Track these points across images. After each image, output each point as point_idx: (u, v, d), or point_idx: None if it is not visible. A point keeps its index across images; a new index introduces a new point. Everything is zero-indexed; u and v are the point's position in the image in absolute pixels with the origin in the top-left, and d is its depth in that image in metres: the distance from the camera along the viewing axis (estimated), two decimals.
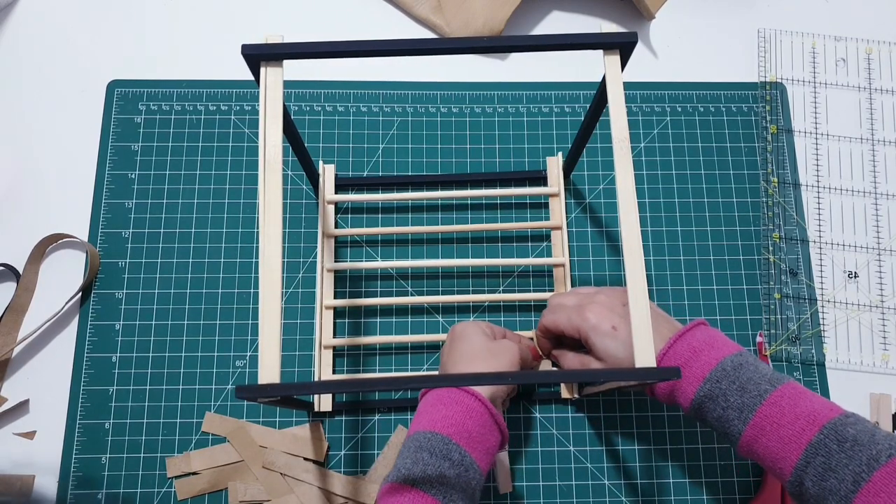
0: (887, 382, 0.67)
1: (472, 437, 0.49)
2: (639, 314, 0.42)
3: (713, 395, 0.49)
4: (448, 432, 0.49)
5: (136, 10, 0.77)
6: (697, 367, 0.50)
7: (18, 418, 0.64)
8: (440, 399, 0.51)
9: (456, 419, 0.49)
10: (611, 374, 0.48)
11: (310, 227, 0.70)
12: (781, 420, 0.46)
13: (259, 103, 0.46)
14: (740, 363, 0.49)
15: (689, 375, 0.50)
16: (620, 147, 0.45)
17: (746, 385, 0.48)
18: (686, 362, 0.50)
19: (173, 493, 0.62)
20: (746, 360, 0.50)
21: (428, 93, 0.75)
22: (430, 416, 0.50)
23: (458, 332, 0.57)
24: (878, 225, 0.72)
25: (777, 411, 0.47)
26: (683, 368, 0.50)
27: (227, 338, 0.66)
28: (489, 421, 0.51)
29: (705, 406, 0.50)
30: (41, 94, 0.74)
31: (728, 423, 0.49)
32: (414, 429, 0.51)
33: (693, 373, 0.50)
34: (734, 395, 0.48)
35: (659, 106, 0.75)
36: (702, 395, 0.49)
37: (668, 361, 0.51)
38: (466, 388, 0.51)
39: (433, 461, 0.47)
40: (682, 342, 0.51)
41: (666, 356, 0.51)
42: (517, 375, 0.52)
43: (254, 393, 0.41)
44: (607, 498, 0.63)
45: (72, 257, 0.69)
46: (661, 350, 0.51)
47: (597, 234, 0.70)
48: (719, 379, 0.49)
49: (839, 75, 0.77)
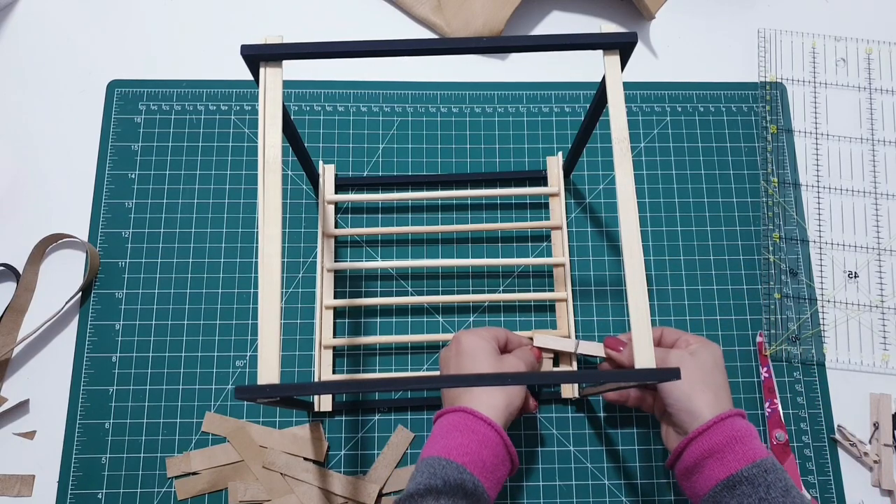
0: (887, 382, 0.67)
1: (486, 467, 0.49)
2: (638, 315, 0.42)
3: (756, 480, 0.48)
4: (463, 461, 0.48)
5: (136, 10, 0.77)
6: (749, 449, 0.49)
7: (18, 418, 0.64)
8: (456, 426, 0.51)
9: (472, 448, 0.49)
10: (611, 374, 0.48)
11: (310, 227, 0.70)
12: None
13: (259, 103, 0.46)
14: (782, 468, 0.50)
15: (738, 451, 0.49)
16: (620, 147, 0.45)
17: (790, 489, 0.48)
18: (740, 438, 0.50)
19: (173, 493, 0.62)
20: (783, 468, 0.50)
21: (428, 93, 0.75)
22: (445, 442, 0.50)
23: (465, 348, 0.55)
24: (878, 225, 0.72)
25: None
26: (735, 441, 0.50)
27: (227, 338, 0.66)
28: (503, 451, 0.51)
29: (740, 489, 0.48)
30: (41, 94, 0.74)
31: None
32: (428, 452, 0.50)
33: (743, 451, 0.49)
34: (777, 492, 0.48)
35: (659, 106, 0.75)
36: (744, 476, 0.48)
37: (724, 429, 0.50)
38: (483, 417, 0.51)
39: (447, 489, 0.47)
40: (739, 420, 0.51)
41: (724, 422, 0.50)
42: (517, 377, 0.52)
43: (253, 393, 0.41)
44: (607, 498, 0.63)
45: (72, 257, 0.69)
46: (719, 414, 0.51)
47: (597, 234, 0.70)
48: (768, 469, 0.48)
49: (839, 75, 0.77)
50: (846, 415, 0.66)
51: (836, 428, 0.65)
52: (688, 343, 0.57)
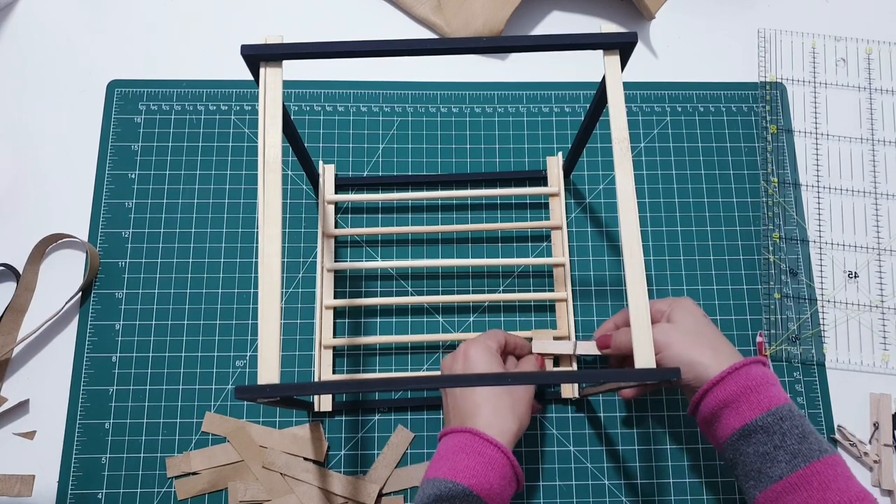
0: (887, 382, 0.67)
1: (493, 490, 0.49)
2: (638, 314, 0.42)
3: (771, 429, 0.48)
4: (470, 483, 0.48)
5: (136, 10, 0.77)
6: (765, 397, 0.50)
7: (18, 418, 0.64)
8: (462, 447, 0.50)
9: (478, 470, 0.49)
10: (611, 374, 0.48)
11: (310, 227, 0.70)
12: (830, 484, 0.46)
13: (259, 103, 0.46)
14: (803, 414, 0.50)
15: (753, 400, 0.50)
16: (620, 147, 0.45)
17: (808, 435, 0.48)
18: (755, 387, 0.50)
19: (173, 493, 0.62)
20: (803, 414, 0.50)
21: (428, 93, 0.75)
22: (452, 464, 0.50)
23: (473, 362, 0.54)
24: (878, 225, 0.72)
25: (831, 473, 0.47)
26: (750, 391, 0.50)
27: (227, 338, 0.66)
28: (510, 473, 0.51)
29: (755, 437, 0.49)
30: (41, 94, 0.74)
31: (772, 462, 0.48)
32: (433, 473, 0.50)
33: (759, 399, 0.49)
34: (793, 439, 0.48)
35: (659, 106, 0.75)
36: (759, 425, 0.49)
37: (738, 379, 0.50)
38: (490, 439, 0.50)
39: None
40: (756, 368, 0.51)
41: (738, 372, 0.51)
42: (517, 376, 0.51)
43: (253, 393, 0.41)
44: (607, 498, 0.63)
45: (72, 257, 0.69)
46: (733, 364, 0.51)
47: (597, 234, 0.70)
48: (784, 417, 0.49)
49: (839, 75, 0.77)
50: (846, 415, 0.66)
51: (836, 428, 0.65)
52: (661, 312, 0.57)
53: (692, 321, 0.55)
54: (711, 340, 0.54)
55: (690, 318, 0.55)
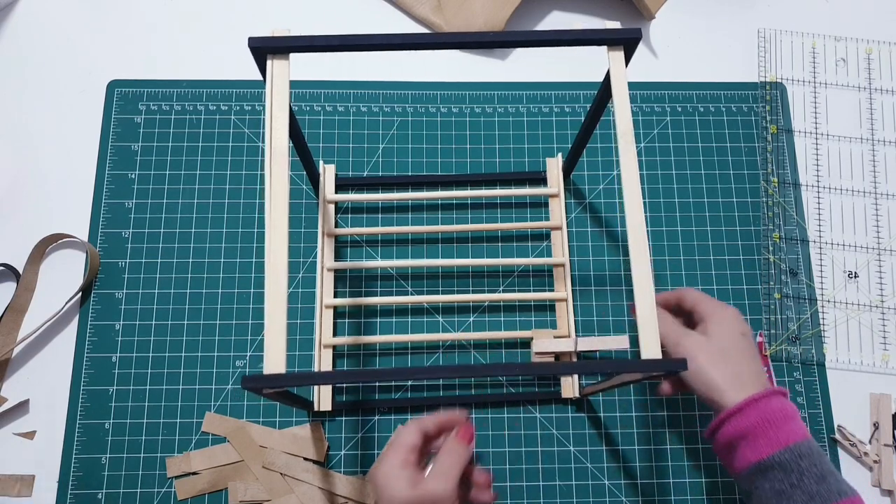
0: (887, 382, 0.67)
1: None
2: (644, 308, 0.42)
3: (788, 466, 0.48)
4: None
5: (136, 9, 0.77)
6: (783, 432, 0.49)
7: (18, 418, 0.64)
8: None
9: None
10: (612, 364, 0.48)
11: (310, 226, 0.70)
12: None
13: (265, 95, 0.45)
14: (822, 452, 0.49)
15: (771, 435, 0.49)
16: (625, 140, 0.45)
17: (827, 476, 0.48)
18: (774, 420, 0.49)
19: (173, 493, 0.61)
20: (823, 452, 0.50)
21: (428, 93, 0.75)
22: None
23: (381, 490, 0.47)
24: (878, 225, 0.72)
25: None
26: (768, 424, 0.49)
27: (227, 338, 0.66)
28: None
29: (772, 473, 0.48)
30: (41, 94, 0.74)
31: (789, 500, 0.48)
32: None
33: (776, 435, 0.49)
34: (811, 479, 0.47)
35: (659, 106, 0.75)
36: (776, 461, 0.48)
37: (756, 411, 0.50)
38: None
39: None
40: (775, 401, 0.50)
41: (757, 404, 0.50)
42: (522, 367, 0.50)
43: (259, 383, 0.40)
44: (607, 498, 0.63)
45: (72, 257, 0.69)
46: (752, 395, 0.50)
47: (597, 234, 0.70)
48: (802, 455, 0.48)
49: (839, 75, 0.77)
50: (846, 415, 0.66)
51: (836, 428, 0.65)
52: (702, 319, 0.56)
53: (726, 338, 0.54)
54: (737, 363, 0.53)
55: (725, 335, 0.54)
